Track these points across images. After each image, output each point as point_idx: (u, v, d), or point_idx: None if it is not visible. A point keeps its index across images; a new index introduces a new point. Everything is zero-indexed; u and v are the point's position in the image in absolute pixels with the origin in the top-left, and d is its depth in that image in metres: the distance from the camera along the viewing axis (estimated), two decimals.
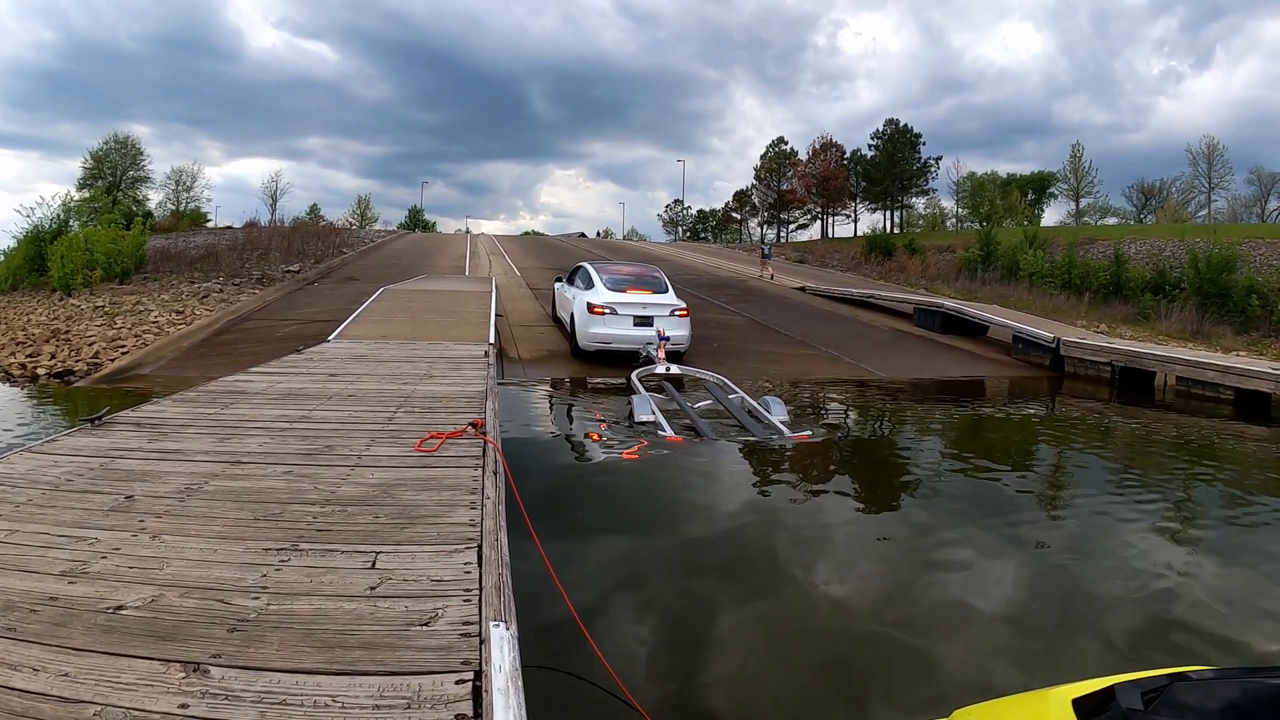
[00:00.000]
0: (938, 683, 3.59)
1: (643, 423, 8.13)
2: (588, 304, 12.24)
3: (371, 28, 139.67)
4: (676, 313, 12.36)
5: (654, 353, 11.17)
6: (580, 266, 14.15)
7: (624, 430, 8.08)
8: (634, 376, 10.06)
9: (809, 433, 8.18)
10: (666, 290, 13.17)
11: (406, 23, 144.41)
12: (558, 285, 15.44)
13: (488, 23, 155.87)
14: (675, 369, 10.97)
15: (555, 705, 3.15)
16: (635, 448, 7.25)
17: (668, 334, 11.47)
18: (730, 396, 9.32)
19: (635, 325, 12.02)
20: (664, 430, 7.81)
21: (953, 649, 3.90)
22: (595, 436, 7.91)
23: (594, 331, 12.12)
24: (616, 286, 12.73)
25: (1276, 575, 5.09)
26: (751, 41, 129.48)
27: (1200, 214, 56.24)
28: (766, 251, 33.65)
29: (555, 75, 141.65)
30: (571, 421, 8.81)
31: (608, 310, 12.06)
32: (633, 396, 8.80)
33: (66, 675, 1.90)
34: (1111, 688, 1.66)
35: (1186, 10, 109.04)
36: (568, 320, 13.41)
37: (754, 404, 8.94)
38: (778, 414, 8.48)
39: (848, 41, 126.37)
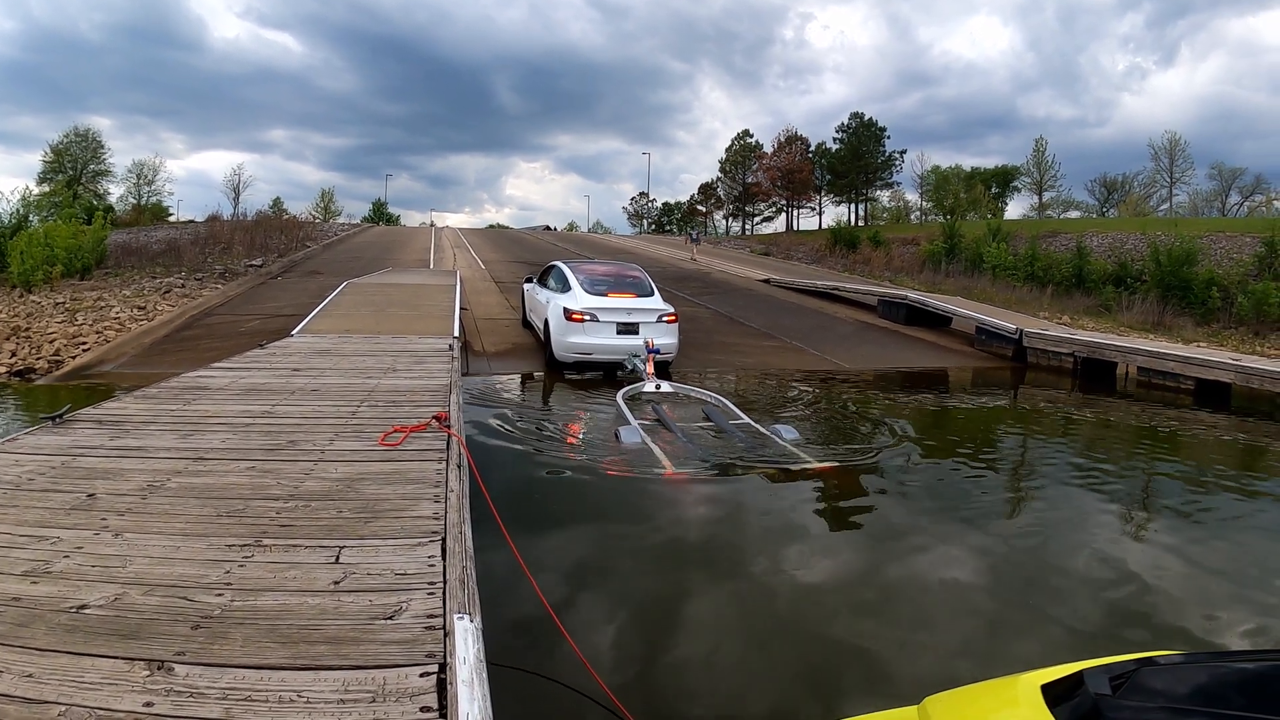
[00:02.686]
0: None
1: (631, 449, 7.12)
2: (564, 310, 11.04)
3: (337, 18, 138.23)
4: (664, 318, 11.25)
5: (641, 366, 9.94)
6: (554, 266, 12.96)
7: (607, 449, 7.27)
8: (621, 399, 8.79)
9: (835, 463, 7.02)
10: (652, 293, 11.97)
11: (373, 13, 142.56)
12: (528, 286, 14.17)
13: (455, 14, 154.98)
14: (667, 386, 9.66)
15: (526, 700, 3.17)
16: (619, 465, 6.60)
17: (656, 344, 10.27)
18: (732, 422, 8.17)
19: (619, 334, 10.91)
20: (661, 466, 6.60)
21: None
22: (575, 428, 7.67)
23: (572, 341, 10.94)
24: (595, 289, 11.54)
25: (1243, 558, 5.24)
26: (720, 34, 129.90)
27: (1162, 208, 57.40)
28: (695, 236, 39.18)
29: (522, 67, 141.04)
30: (538, 415, 8.66)
31: (587, 317, 10.91)
32: (620, 428, 7.64)
33: (30, 676, 1.90)
34: (1080, 673, 1.66)
35: (1153, 7, 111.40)
36: (540, 326, 12.26)
37: (761, 429, 7.84)
38: (789, 439, 7.46)
39: (815, 35, 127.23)
